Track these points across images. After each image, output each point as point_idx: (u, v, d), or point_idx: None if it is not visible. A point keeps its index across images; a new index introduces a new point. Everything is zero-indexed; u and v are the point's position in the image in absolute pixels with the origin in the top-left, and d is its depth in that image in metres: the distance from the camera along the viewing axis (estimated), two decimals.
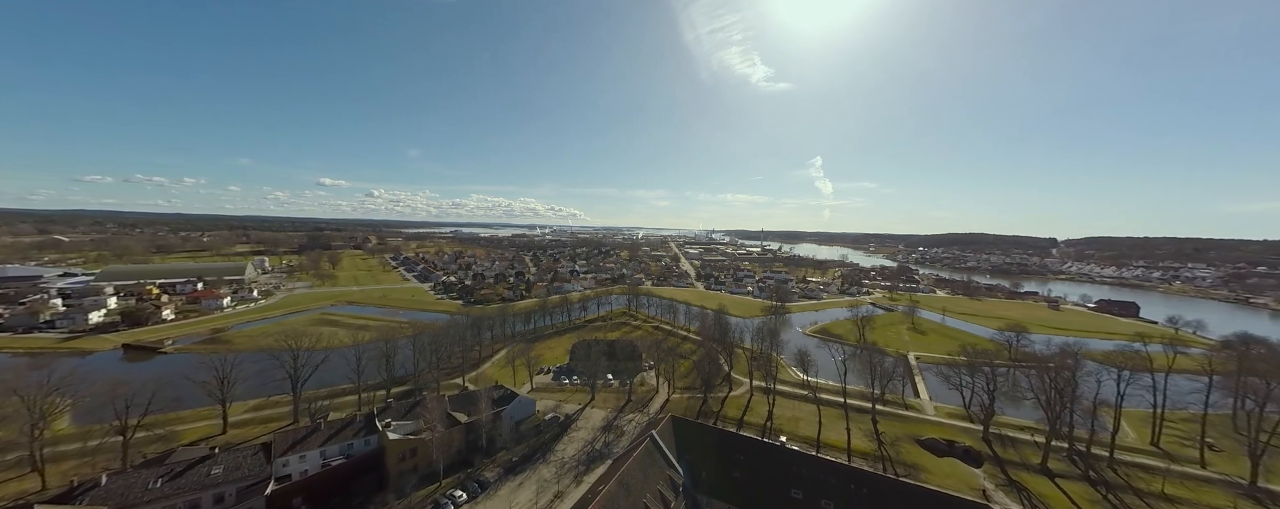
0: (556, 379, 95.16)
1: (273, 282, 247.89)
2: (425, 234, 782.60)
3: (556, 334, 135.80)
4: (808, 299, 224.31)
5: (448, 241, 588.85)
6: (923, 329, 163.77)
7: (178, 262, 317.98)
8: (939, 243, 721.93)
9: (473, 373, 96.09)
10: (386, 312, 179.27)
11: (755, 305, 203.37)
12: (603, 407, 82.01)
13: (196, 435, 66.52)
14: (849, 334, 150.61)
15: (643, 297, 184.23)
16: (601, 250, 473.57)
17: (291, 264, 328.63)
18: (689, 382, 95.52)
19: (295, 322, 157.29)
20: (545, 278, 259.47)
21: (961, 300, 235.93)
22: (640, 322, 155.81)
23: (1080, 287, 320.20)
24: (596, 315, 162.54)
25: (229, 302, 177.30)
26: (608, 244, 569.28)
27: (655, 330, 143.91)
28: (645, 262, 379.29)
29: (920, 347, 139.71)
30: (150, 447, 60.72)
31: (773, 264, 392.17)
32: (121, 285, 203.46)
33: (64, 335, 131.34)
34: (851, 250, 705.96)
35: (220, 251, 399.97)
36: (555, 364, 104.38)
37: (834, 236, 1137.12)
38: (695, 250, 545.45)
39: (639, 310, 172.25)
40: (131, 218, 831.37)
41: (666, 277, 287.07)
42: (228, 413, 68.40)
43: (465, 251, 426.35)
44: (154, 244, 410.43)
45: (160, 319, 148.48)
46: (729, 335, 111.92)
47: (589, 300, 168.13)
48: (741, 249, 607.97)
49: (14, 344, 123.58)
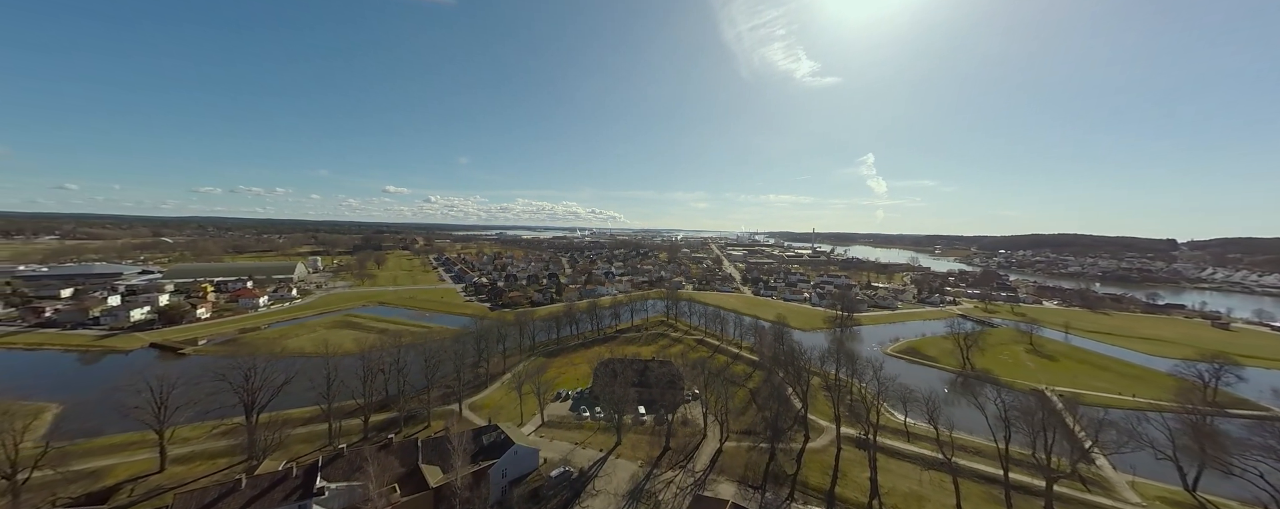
0: (575, 409, 75.43)
1: (318, 280, 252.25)
2: (472, 236, 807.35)
3: (582, 346, 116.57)
4: (880, 309, 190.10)
5: (490, 243, 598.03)
6: (1048, 352, 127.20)
7: (247, 261, 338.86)
8: (1021, 244, 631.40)
9: (475, 397, 78.73)
10: (412, 314, 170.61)
11: (815, 315, 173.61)
12: (632, 456, 60.93)
13: (129, 472, 53.42)
14: (947, 356, 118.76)
15: (683, 302, 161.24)
16: (639, 252, 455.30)
17: (341, 264, 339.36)
18: (748, 422, 72.08)
19: (318, 323, 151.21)
20: (578, 280, 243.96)
21: (1081, 314, 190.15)
22: (680, 333, 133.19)
23: (1231, 297, 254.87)
24: (629, 324, 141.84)
25: (265, 301, 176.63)
26: (645, 245, 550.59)
27: (699, 345, 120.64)
28: (685, 264, 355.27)
29: (1056, 377, 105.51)
30: (54, 492, 47.63)
31: (827, 267, 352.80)
32: (181, 283, 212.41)
33: (103, 332, 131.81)
34: (914, 253, 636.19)
35: (284, 252, 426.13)
36: (576, 387, 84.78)
37: (890, 238, 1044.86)
38: (738, 252, 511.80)
39: (679, 319, 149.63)
40: (232, 223, 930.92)
41: (709, 280, 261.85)
42: (167, 445, 54.84)
43: (504, 253, 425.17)
44: (232, 245, 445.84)
45: (194, 318, 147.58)
46: (798, 357, 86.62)
47: (622, 306, 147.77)
48: (789, 251, 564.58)
49: (54, 340, 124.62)
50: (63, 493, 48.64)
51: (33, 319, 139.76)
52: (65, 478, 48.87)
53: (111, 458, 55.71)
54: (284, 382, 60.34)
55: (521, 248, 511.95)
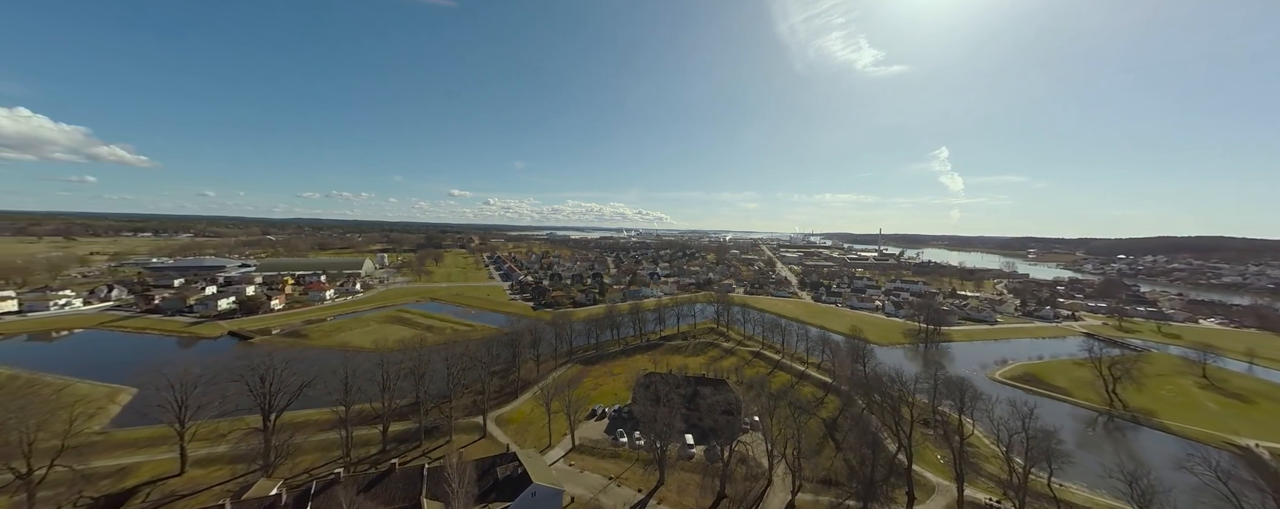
0: (612, 431, 65.07)
1: (381, 276, 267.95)
2: (525, 236, 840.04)
3: (623, 354, 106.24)
4: (974, 322, 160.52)
5: (540, 243, 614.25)
6: (1232, 388, 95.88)
7: (326, 256, 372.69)
8: (1148, 249, 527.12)
9: (503, 409, 71.15)
10: (458, 311, 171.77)
11: (891, 327, 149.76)
12: (677, 502, 49.30)
13: (151, 472, 51.38)
14: (1081, 387, 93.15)
15: (735, 308, 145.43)
16: (685, 253, 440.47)
17: (404, 261, 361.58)
18: (827, 467, 57.25)
19: (372, 317, 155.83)
20: (623, 280, 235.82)
21: (1262, 337, 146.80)
22: (733, 342, 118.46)
23: None
24: (675, 330, 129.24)
25: (331, 294, 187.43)
26: (692, 246, 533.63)
27: (755, 358, 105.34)
28: (735, 265, 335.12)
29: (1256, 425, 77.31)
30: (80, 490, 45.66)
31: (898, 272, 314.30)
32: (268, 276, 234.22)
33: (193, 320, 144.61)
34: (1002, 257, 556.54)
35: (359, 249, 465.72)
36: (613, 404, 74.47)
37: (969, 241, 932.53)
38: (793, 254, 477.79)
39: (731, 326, 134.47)
40: (324, 224, 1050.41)
41: (761, 283, 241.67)
42: (187, 445, 52.28)
43: (552, 252, 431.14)
44: (318, 243, 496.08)
45: (268, 309, 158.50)
46: (886, 383, 69.52)
47: (667, 309, 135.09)
48: (851, 253, 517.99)
49: (155, 326, 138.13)
50: (89, 491, 46.90)
51: (143, 305, 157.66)
52: (85, 475, 46.96)
53: (138, 454, 54.58)
54: (301, 386, 56.21)
55: (569, 247, 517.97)
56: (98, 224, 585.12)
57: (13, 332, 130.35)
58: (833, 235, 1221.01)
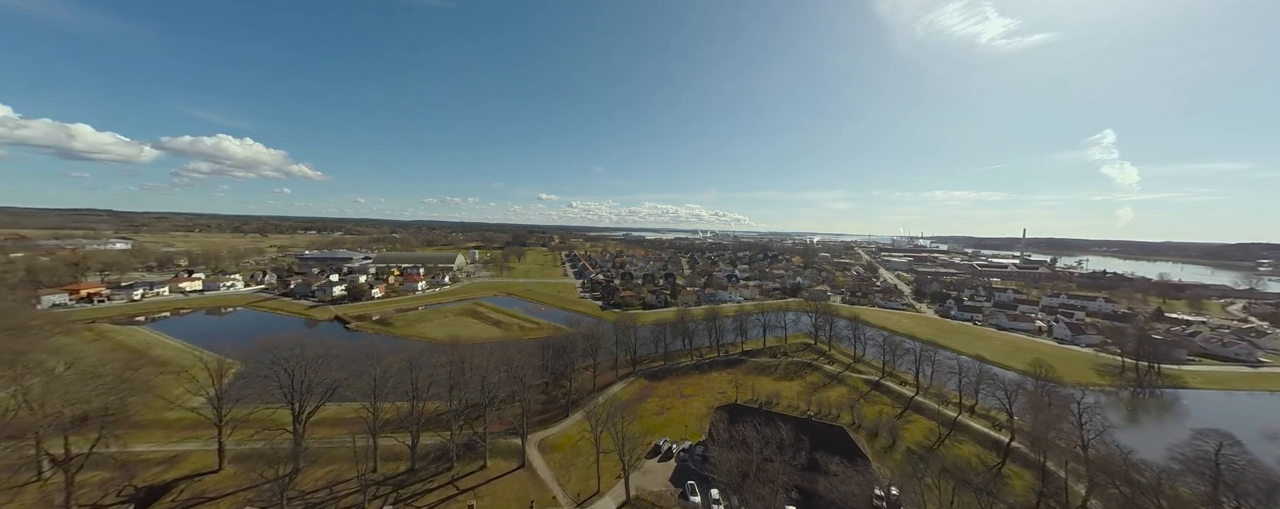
0: (679, 480, 48.98)
1: (469, 270, 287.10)
2: (602, 236, 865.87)
3: (696, 369, 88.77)
4: (1217, 360, 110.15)
5: (615, 243, 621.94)
6: None
7: (428, 251, 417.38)
8: None
9: (548, 431, 59.15)
10: (528, 306, 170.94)
11: (1076, 360, 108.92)
12: None
13: (192, 466, 49.13)
14: None
15: (840, 320, 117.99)
16: (767, 254, 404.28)
17: (491, 257, 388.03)
18: None
19: (451, 309, 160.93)
20: (697, 282, 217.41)
21: None
22: (840, 366, 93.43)
23: None
24: (761, 343, 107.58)
25: (423, 285, 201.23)
26: (774, 248, 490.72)
27: (875, 391, 79.90)
28: (827, 270, 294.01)
29: None
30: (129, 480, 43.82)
31: (1059, 284, 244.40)
32: (381, 267, 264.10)
33: (312, 304, 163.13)
34: (1210, 267, 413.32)
35: (458, 246, 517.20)
36: (682, 438, 58.17)
37: (1153, 247, 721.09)
38: (899, 259, 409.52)
39: (834, 343, 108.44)
40: (438, 225, 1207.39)
41: (864, 292, 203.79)
42: (224, 442, 49.15)
43: (625, 251, 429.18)
44: (426, 239, 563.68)
45: (370, 296, 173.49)
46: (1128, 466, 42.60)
47: (749, 317, 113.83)
48: (978, 259, 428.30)
49: (285, 307, 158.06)
50: (138, 479, 45.19)
51: (281, 289, 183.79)
52: (120, 462, 44.98)
53: (184, 442, 53.04)
54: (331, 388, 50.52)
55: (644, 247, 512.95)
56: (284, 224, 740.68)
57: (195, 306, 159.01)
58: (946, 239, 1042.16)
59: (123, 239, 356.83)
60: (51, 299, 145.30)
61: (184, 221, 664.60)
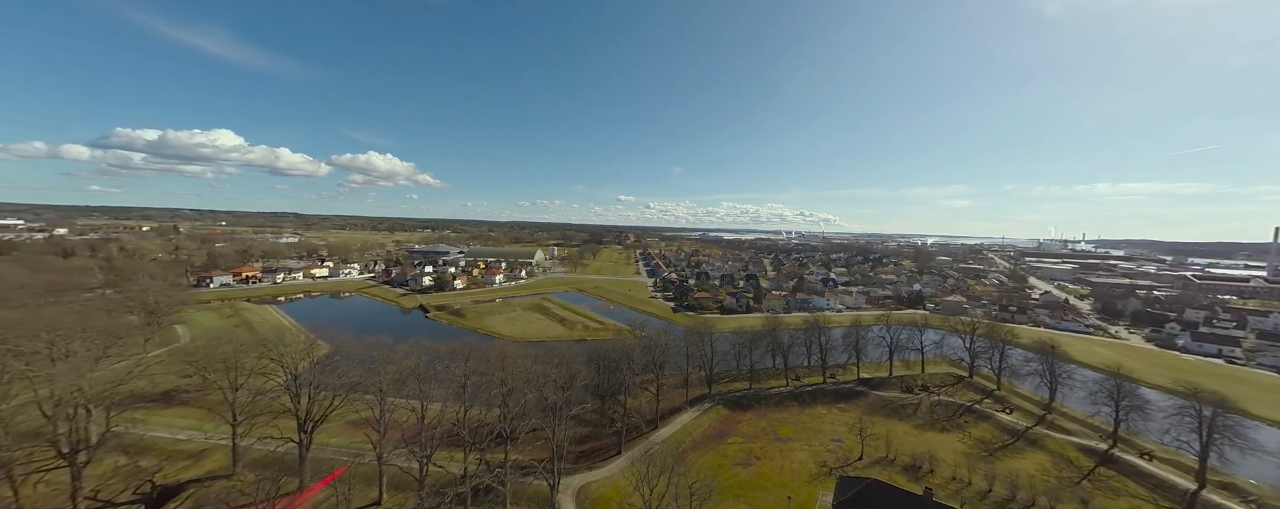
0: None
1: (546, 265, 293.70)
2: (678, 236, 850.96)
3: (794, 400, 66.89)
4: None
5: (691, 242, 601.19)
6: None
7: (512, 247, 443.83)
8: None
9: (588, 477, 44.20)
10: (596, 304, 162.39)
11: None
12: None
13: (209, 467, 44.65)
14: None
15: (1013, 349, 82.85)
16: (870, 258, 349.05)
17: (568, 254, 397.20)
18: None
19: (520, 303, 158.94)
20: (785, 286, 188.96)
21: None
22: (1022, 414, 63.40)
23: None
24: (885, 370, 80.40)
25: (500, 278, 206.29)
26: (876, 250, 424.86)
27: (1106, 467, 50.38)
28: (954, 277, 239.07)
29: None
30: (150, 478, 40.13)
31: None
32: (469, 261, 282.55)
33: (403, 292, 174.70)
34: None
35: (540, 243, 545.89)
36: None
37: None
38: (1058, 266, 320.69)
39: (1005, 380, 76.44)
40: (528, 225, 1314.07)
41: (1019, 306, 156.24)
42: (238, 442, 43.80)
43: (701, 251, 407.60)
44: (514, 237, 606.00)
45: (452, 287, 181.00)
46: None
47: (862, 331, 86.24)
48: (1189, 268, 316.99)
49: (383, 294, 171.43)
50: (159, 476, 41.56)
51: (383, 278, 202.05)
52: (132, 451, 41.27)
53: (207, 439, 49.33)
54: (334, 402, 42.34)
55: (721, 247, 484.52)
56: (409, 223, 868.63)
57: (322, 289, 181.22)
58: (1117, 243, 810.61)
59: (295, 234, 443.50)
60: (221, 279, 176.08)
61: (341, 222, 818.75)
